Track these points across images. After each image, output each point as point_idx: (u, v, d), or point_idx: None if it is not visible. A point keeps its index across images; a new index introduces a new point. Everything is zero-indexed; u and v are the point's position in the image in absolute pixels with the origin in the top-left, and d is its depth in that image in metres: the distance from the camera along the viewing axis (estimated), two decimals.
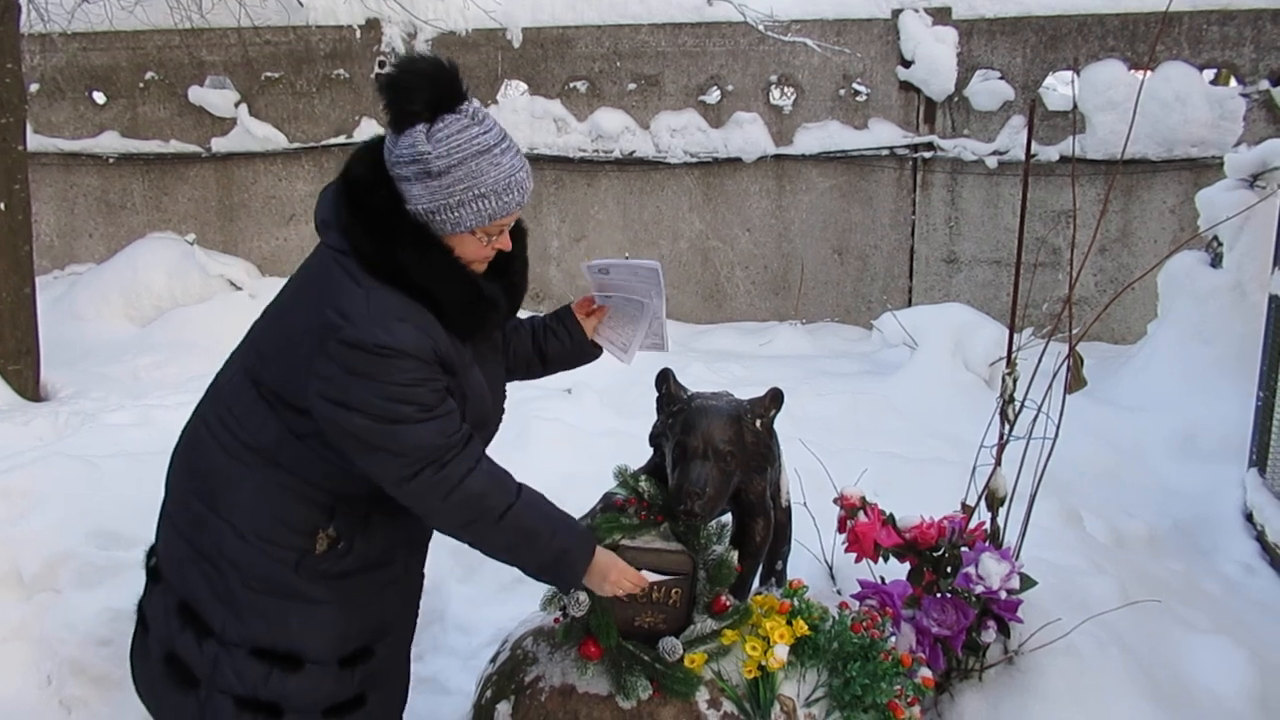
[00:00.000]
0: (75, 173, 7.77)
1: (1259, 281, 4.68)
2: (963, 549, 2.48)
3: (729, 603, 2.25)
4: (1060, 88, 7.68)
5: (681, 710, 2.15)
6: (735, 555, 2.27)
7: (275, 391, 1.93)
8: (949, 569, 2.48)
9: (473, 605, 3.32)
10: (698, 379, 4.59)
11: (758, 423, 2.32)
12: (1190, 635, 2.88)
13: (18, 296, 5.08)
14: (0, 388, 4.96)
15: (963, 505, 2.66)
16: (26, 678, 2.86)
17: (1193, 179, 6.52)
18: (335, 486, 1.97)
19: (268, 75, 7.46)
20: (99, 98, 7.67)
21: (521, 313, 2.27)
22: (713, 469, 2.20)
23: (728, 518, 2.42)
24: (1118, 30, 6.68)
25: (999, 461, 2.66)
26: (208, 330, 6.04)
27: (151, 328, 6.45)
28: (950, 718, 2.45)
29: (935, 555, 2.49)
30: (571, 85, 7.36)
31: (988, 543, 2.52)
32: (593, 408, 4.75)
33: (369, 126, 7.45)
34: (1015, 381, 2.66)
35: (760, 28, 6.77)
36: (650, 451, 2.44)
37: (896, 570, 2.57)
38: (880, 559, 2.52)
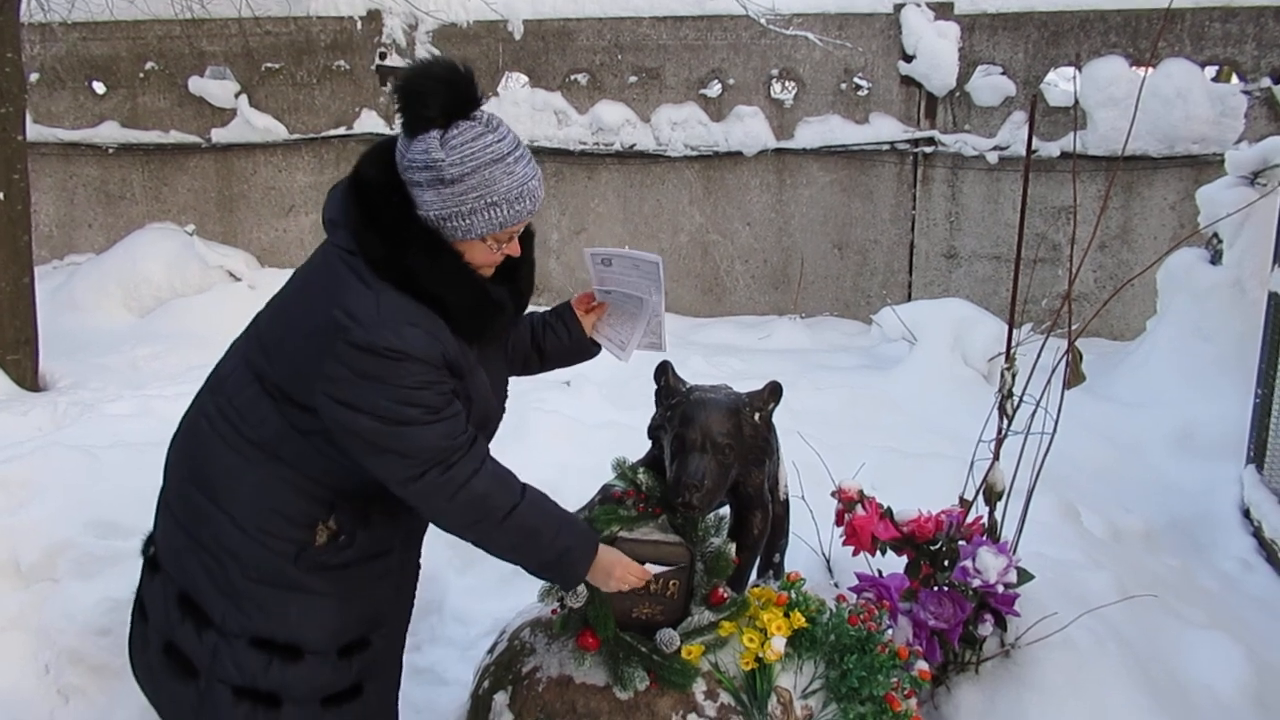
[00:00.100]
0: (75, 163, 7.76)
1: (1258, 279, 4.68)
2: (960, 543, 2.49)
3: (726, 595, 2.26)
4: (1062, 84, 7.67)
5: (678, 701, 2.15)
6: (733, 548, 2.28)
7: (279, 387, 1.93)
8: (946, 563, 2.48)
9: (471, 596, 3.33)
10: (696, 372, 4.59)
11: (756, 416, 2.32)
12: (1187, 630, 2.88)
13: (17, 286, 5.08)
14: None
15: (960, 499, 2.66)
16: (25, 667, 2.86)
17: (1193, 176, 6.51)
18: (336, 482, 1.98)
19: (268, 66, 7.45)
20: (99, 88, 7.65)
21: None
22: (711, 462, 2.20)
23: (726, 510, 2.42)
24: (1120, 26, 6.67)
25: (997, 456, 2.66)
26: (207, 321, 6.04)
27: (150, 318, 6.45)
28: (947, 710, 2.45)
29: (933, 549, 2.50)
30: (572, 78, 7.35)
31: (985, 537, 2.53)
32: (592, 400, 4.75)
33: (369, 118, 7.45)
34: (1014, 376, 2.66)
35: (762, 21, 6.76)
36: (649, 444, 2.45)
37: (894, 563, 2.57)
38: (878, 552, 2.52)
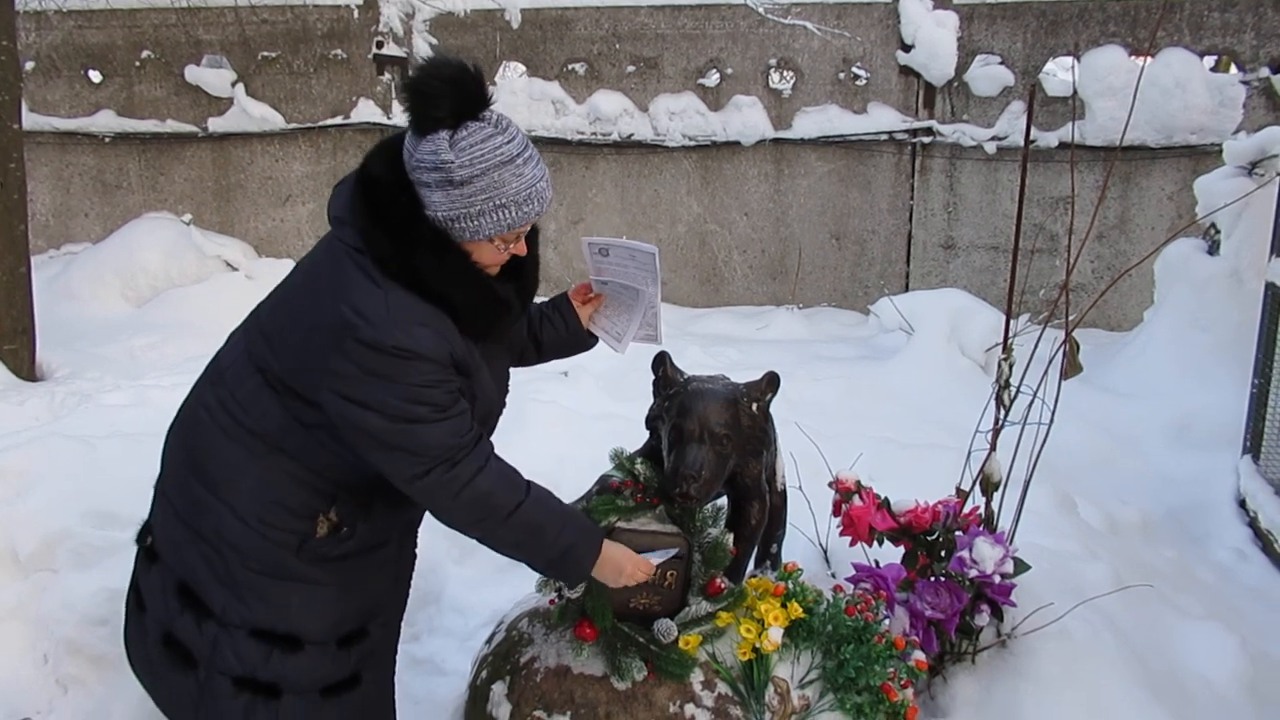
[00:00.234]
0: (71, 152, 7.73)
1: (1256, 269, 4.68)
2: (957, 533, 2.49)
3: (724, 585, 2.27)
4: (1060, 73, 7.65)
5: (676, 691, 2.16)
6: (730, 538, 2.28)
7: (282, 380, 1.92)
8: (943, 553, 2.49)
9: (469, 587, 3.33)
10: (694, 363, 4.59)
11: (754, 406, 2.32)
12: (1182, 621, 2.90)
13: (13, 276, 5.07)
14: None
15: (957, 490, 2.67)
16: (23, 657, 2.87)
17: (1191, 166, 6.51)
18: (338, 475, 1.98)
19: (265, 55, 7.41)
20: (95, 76, 7.61)
21: None
22: (708, 452, 2.20)
23: (723, 501, 2.43)
24: (1118, 16, 6.65)
25: (994, 447, 2.67)
26: (204, 311, 6.03)
27: (147, 308, 6.43)
28: (943, 700, 2.46)
29: (930, 539, 2.50)
30: (570, 67, 7.32)
31: (982, 527, 2.53)
32: (589, 391, 4.76)
33: (366, 107, 7.42)
34: (1011, 367, 2.66)
35: (760, 10, 6.74)
36: (646, 434, 2.45)
37: (891, 554, 2.58)
38: (875, 543, 2.53)
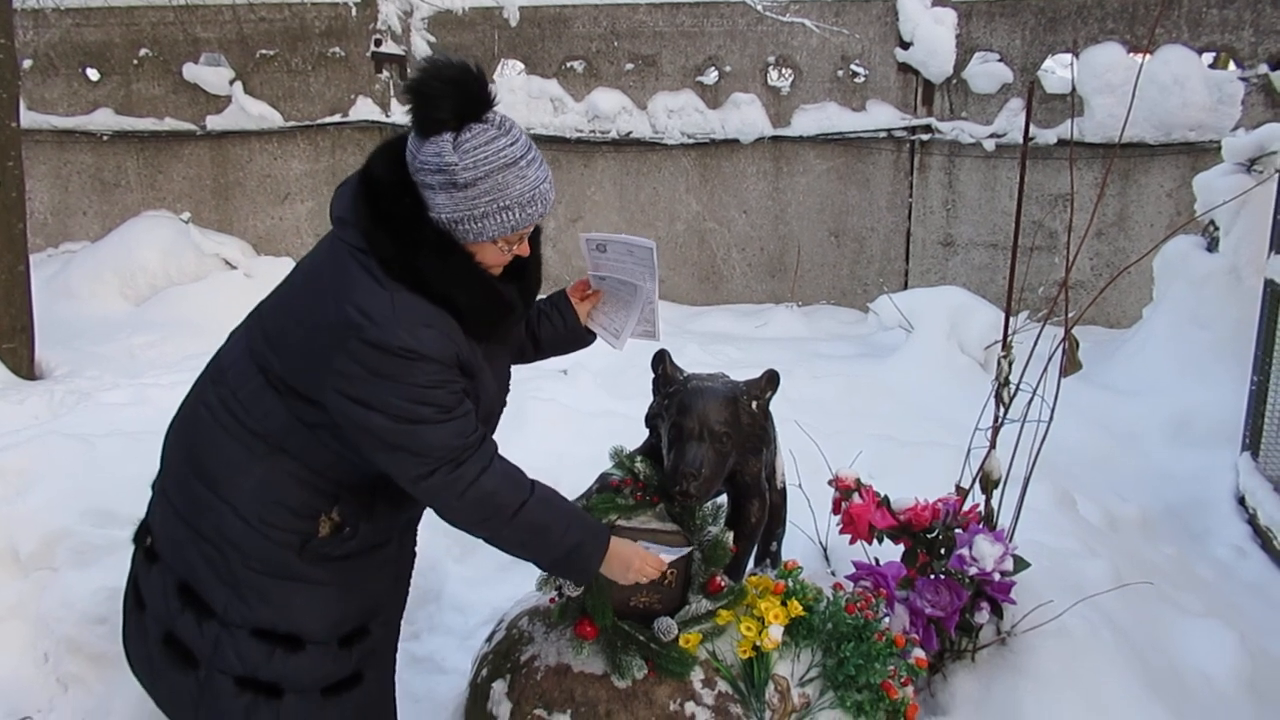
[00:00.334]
0: (69, 150, 7.72)
1: (1255, 266, 4.68)
2: (957, 531, 2.49)
3: (724, 583, 2.27)
4: (1059, 70, 7.66)
5: (676, 690, 2.16)
6: (730, 536, 2.28)
7: (285, 380, 1.92)
8: (943, 551, 2.49)
9: (469, 585, 3.33)
10: (693, 361, 4.59)
11: (753, 404, 2.33)
12: (1182, 618, 2.90)
13: (12, 274, 5.06)
14: None
15: (957, 488, 2.67)
16: (24, 655, 2.87)
17: (1190, 163, 6.50)
18: (341, 475, 1.98)
19: (263, 53, 7.40)
20: (93, 74, 7.60)
21: None
22: (708, 450, 2.20)
23: (723, 499, 2.43)
24: (1117, 13, 6.65)
25: (994, 444, 2.67)
26: (203, 309, 6.03)
27: (146, 306, 6.43)
28: (943, 698, 2.47)
29: (929, 537, 2.51)
30: (569, 65, 7.32)
31: (982, 525, 2.53)
32: (588, 389, 4.76)
33: (364, 105, 7.41)
34: (1010, 365, 2.66)
35: (758, 8, 6.73)
36: (646, 433, 2.45)
37: (891, 552, 2.58)
38: (875, 540, 2.53)
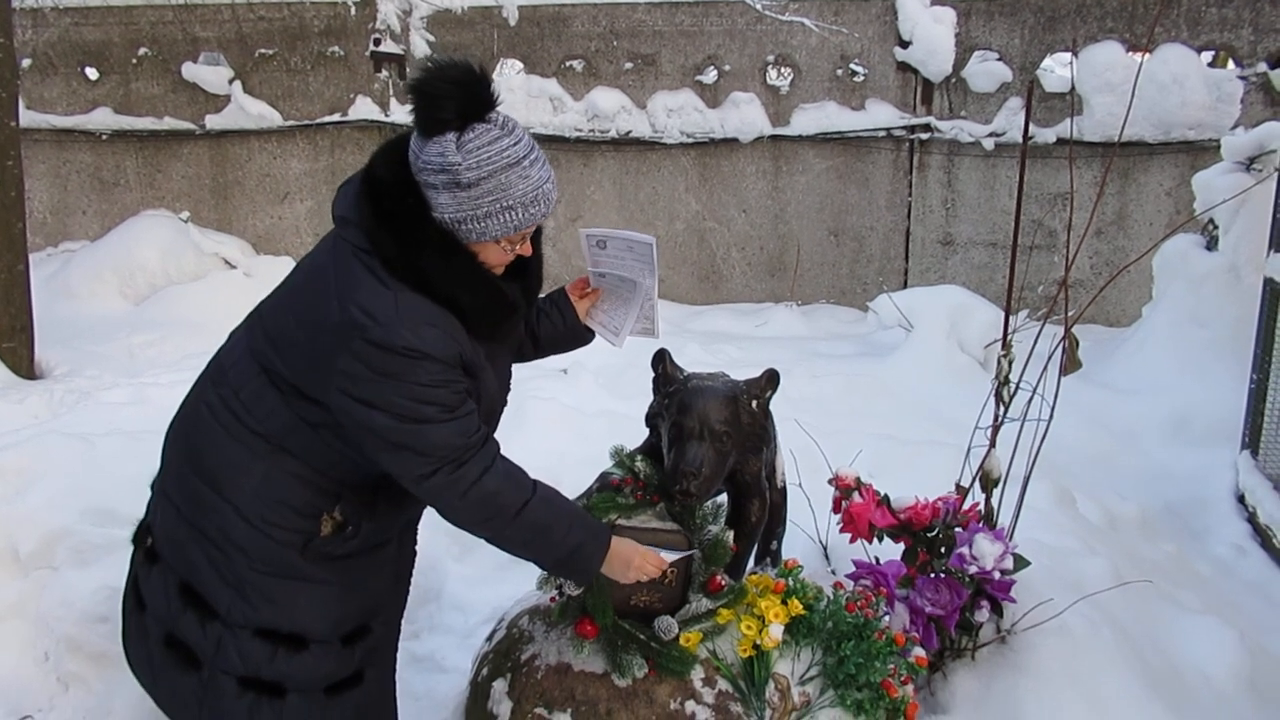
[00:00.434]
0: (68, 149, 7.71)
1: (1254, 264, 4.68)
2: (957, 530, 2.49)
3: (724, 582, 2.27)
4: (1058, 69, 7.66)
5: (676, 688, 2.16)
6: (730, 535, 2.28)
7: (287, 380, 1.92)
8: (943, 549, 2.49)
9: (469, 584, 3.33)
10: (693, 360, 4.59)
11: (753, 404, 2.33)
12: (1181, 616, 2.90)
13: (11, 274, 5.06)
14: None
15: (957, 486, 2.67)
16: (24, 654, 2.87)
17: (1189, 162, 6.50)
18: (343, 474, 1.98)
19: (262, 52, 7.40)
20: (92, 73, 7.59)
21: None
22: (708, 449, 2.20)
23: (723, 498, 2.43)
24: (1116, 12, 6.65)
25: (993, 443, 2.67)
26: (202, 308, 6.03)
27: (146, 306, 6.43)
28: (943, 696, 2.47)
29: (929, 536, 2.51)
30: (568, 64, 7.31)
31: (981, 523, 2.54)
32: (588, 388, 4.76)
33: (364, 104, 7.41)
34: (1010, 364, 2.66)
35: (758, 7, 6.73)
36: (646, 432, 2.45)
37: (891, 550, 2.58)
38: (875, 539, 2.53)
